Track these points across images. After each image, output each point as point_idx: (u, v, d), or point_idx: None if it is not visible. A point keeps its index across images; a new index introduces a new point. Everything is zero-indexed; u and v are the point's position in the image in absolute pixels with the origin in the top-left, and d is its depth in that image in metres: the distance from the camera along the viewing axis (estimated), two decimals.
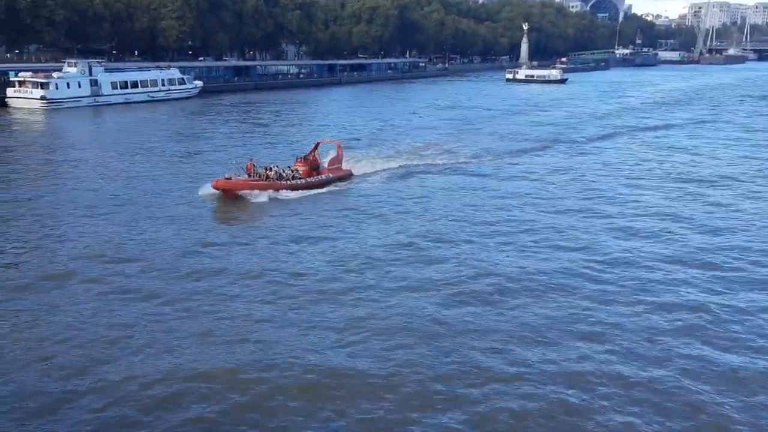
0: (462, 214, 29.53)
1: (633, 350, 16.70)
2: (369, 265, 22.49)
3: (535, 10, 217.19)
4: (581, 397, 14.57)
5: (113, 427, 13.41)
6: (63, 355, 16.00)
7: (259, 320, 18.10)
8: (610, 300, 19.91)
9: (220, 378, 15.00)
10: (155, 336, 17.05)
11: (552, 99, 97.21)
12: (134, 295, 19.66)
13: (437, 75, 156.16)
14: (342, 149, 38.18)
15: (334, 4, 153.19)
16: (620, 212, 30.43)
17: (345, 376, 15.19)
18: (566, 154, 47.16)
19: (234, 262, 22.70)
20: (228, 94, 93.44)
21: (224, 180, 31.34)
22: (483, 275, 21.71)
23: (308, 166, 35.11)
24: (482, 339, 17.20)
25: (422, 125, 62.48)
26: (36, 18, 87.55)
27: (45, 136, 55.95)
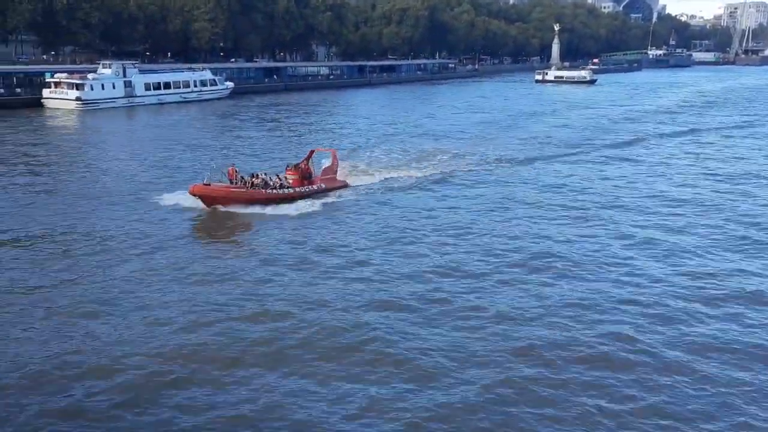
0: (483, 239, 26.07)
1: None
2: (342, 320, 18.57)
3: (567, 11, 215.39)
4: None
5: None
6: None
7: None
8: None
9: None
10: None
11: (581, 100, 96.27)
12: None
13: (467, 76, 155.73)
14: (337, 158, 35.60)
15: (364, 5, 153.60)
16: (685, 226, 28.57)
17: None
18: (593, 162, 44.76)
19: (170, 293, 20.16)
20: (258, 95, 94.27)
21: (202, 186, 29.30)
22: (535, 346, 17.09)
23: (299, 174, 33.05)
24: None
25: (443, 127, 61.75)
26: (72, 20, 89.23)
27: (79, 136, 57.00)
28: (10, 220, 27.55)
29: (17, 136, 52.93)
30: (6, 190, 33.44)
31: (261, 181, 30.90)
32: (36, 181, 35.99)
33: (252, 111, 75.21)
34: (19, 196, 32.19)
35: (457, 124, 64.25)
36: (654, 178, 39.03)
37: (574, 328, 18.08)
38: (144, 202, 30.56)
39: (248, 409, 14.17)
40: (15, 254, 23.45)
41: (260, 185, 30.65)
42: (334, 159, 35.15)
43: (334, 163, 34.94)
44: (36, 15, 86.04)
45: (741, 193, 35.18)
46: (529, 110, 78.68)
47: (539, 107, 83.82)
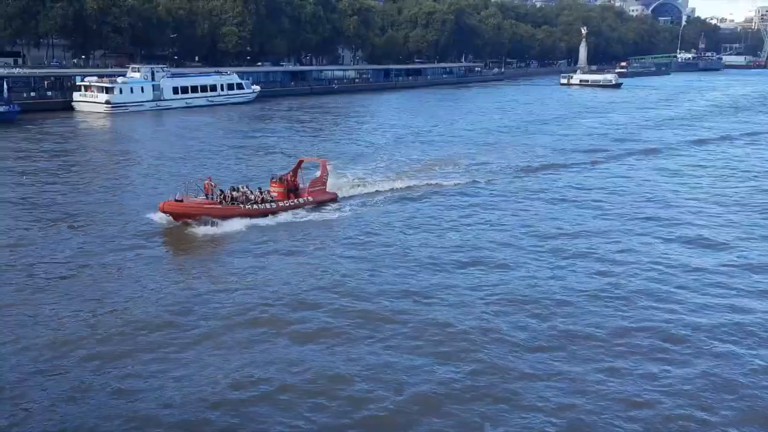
0: (487, 271, 23.66)
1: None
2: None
3: (594, 14, 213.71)
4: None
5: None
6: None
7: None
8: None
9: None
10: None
11: (606, 104, 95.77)
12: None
13: (493, 80, 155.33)
14: (327, 169, 33.54)
15: (391, 9, 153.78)
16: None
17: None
18: (608, 171, 43.19)
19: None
20: (284, 99, 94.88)
21: (174, 202, 27.45)
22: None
23: (284, 187, 31.24)
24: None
25: (460, 132, 61.61)
26: (102, 24, 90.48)
27: (107, 138, 57.97)
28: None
29: (46, 138, 53.84)
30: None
31: (241, 195, 29.28)
32: (47, 184, 36.56)
33: (277, 115, 75.74)
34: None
35: (474, 129, 64.09)
36: (688, 188, 38.38)
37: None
38: (134, 216, 29.26)
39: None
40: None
41: (240, 200, 29.03)
42: (323, 169, 33.20)
43: (323, 173, 33.01)
44: (67, 19, 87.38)
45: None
46: (550, 115, 77.91)
47: (561, 111, 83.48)
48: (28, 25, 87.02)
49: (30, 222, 28.38)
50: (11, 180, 37.10)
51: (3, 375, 15.68)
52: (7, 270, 22.49)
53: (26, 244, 25.28)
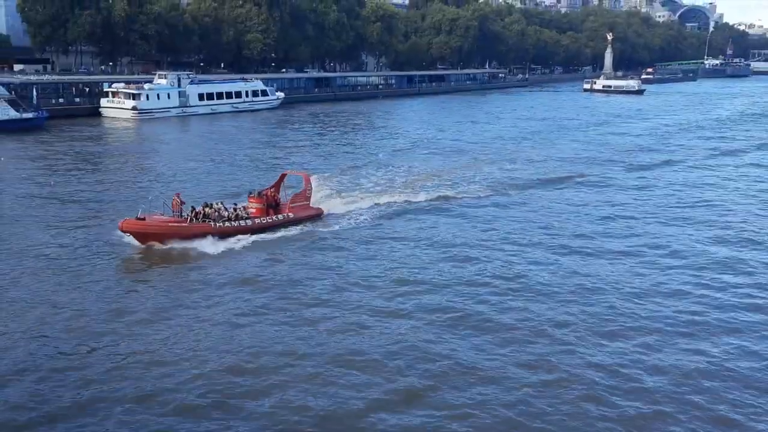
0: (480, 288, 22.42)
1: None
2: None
3: (620, 20, 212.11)
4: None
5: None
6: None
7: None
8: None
9: None
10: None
11: (628, 110, 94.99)
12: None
13: (517, 86, 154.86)
14: (310, 182, 31.67)
15: (414, 15, 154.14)
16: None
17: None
18: (624, 186, 40.29)
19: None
20: (308, 105, 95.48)
21: (134, 221, 25.42)
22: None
23: (263, 203, 29.21)
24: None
25: (474, 138, 61.29)
26: (129, 32, 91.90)
27: (134, 143, 58.74)
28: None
29: (73, 143, 54.72)
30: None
31: (213, 211, 27.16)
32: (65, 186, 37.19)
33: (299, 121, 76.13)
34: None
35: (489, 136, 63.65)
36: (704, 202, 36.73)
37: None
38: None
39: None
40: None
41: (213, 217, 26.96)
42: (306, 183, 31.18)
43: (306, 188, 30.99)
44: (95, 27, 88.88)
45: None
46: (567, 123, 76.61)
47: (583, 118, 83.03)
48: (57, 33, 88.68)
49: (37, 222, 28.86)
50: (34, 183, 37.79)
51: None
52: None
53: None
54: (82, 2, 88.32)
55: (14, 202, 33.47)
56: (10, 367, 16.56)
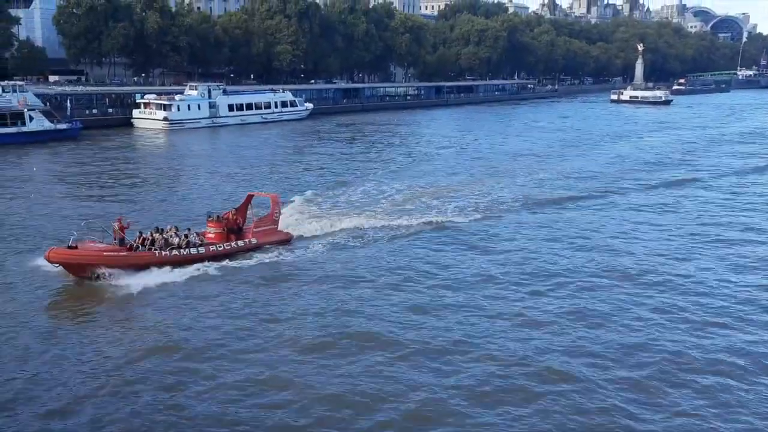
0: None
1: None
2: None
3: (652, 31, 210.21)
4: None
5: None
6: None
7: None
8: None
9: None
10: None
11: (651, 122, 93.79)
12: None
13: (546, 96, 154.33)
14: (279, 204, 29.06)
15: (443, 26, 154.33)
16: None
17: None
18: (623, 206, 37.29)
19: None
20: (337, 116, 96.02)
21: (64, 250, 22.68)
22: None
23: (223, 227, 26.79)
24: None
25: (491, 151, 60.07)
26: (162, 44, 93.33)
27: (165, 153, 59.53)
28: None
29: (104, 153, 55.65)
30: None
31: (161, 238, 24.56)
32: (92, 195, 37.75)
33: (327, 131, 76.57)
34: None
35: (507, 149, 62.41)
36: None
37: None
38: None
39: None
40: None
41: (160, 244, 24.36)
42: (273, 206, 28.55)
43: (273, 211, 28.41)
44: (129, 39, 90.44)
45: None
46: (586, 136, 74.10)
47: (603, 130, 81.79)
48: (92, 45, 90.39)
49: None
50: (68, 191, 38.43)
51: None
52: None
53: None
54: (116, 15, 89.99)
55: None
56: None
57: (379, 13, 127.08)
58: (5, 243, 27.67)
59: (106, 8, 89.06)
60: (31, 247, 26.62)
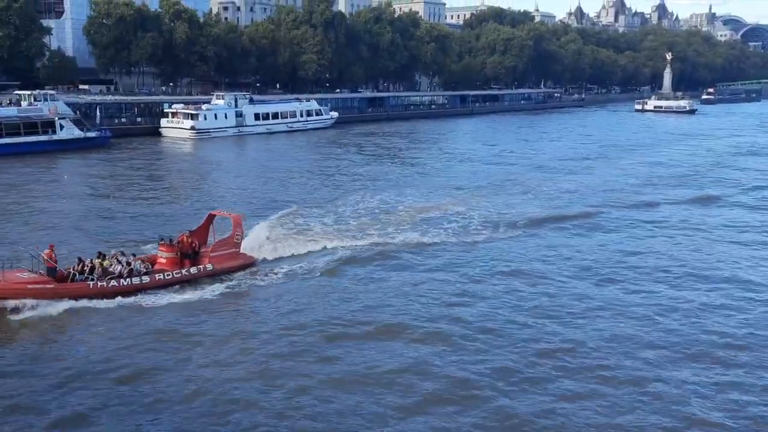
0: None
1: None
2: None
3: (680, 40, 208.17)
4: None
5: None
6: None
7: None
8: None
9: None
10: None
11: (673, 132, 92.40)
12: None
13: (572, 105, 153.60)
14: (241, 225, 26.19)
15: (468, 35, 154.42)
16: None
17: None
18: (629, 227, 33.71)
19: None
20: (361, 124, 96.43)
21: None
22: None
23: (176, 251, 24.29)
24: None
25: (502, 164, 57.85)
26: (190, 53, 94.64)
27: (190, 162, 60.26)
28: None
29: (133, 161, 56.46)
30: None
31: (99, 267, 22.13)
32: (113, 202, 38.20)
33: (351, 140, 76.82)
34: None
35: (521, 160, 60.39)
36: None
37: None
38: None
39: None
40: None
41: (98, 273, 22.02)
42: (235, 227, 25.81)
43: (234, 233, 25.62)
44: (157, 49, 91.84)
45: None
46: (602, 149, 70.91)
47: (623, 140, 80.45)
48: (121, 54, 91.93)
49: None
50: (94, 198, 39.08)
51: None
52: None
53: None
54: (146, 25, 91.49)
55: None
56: None
57: (405, 23, 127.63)
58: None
59: (136, 18, 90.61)
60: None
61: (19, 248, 24.35)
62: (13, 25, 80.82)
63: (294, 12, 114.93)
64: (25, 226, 32.00)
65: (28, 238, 27.97)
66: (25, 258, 22.59)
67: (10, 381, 16.46)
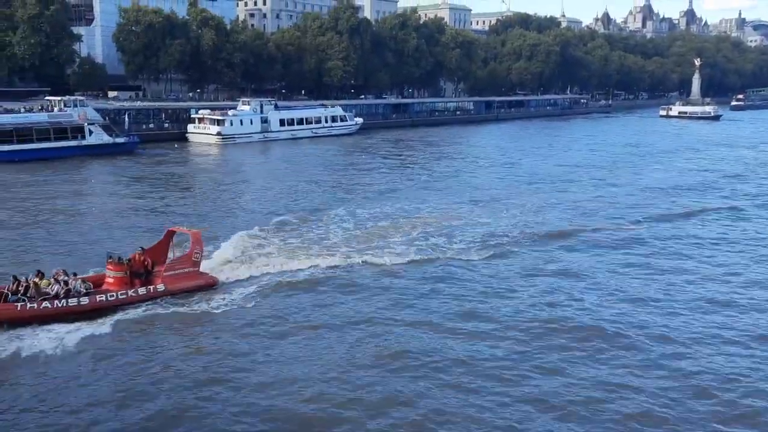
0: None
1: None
2: None
3: (709, 45, 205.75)
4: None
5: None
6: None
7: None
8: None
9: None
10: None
11: (694, 140, 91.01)
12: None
13: (599, 111, 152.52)
14: (201, 242, 24.16)
15: (494, 41, 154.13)
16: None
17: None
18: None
19: None
20: (386, 131, 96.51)
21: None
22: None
23: (125, 270, 22.26)
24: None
25: (525, 170, 56.89)
26: (217, 60, 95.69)
27: (216, 167, 60.90)
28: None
29: (160, 167, 57.21)
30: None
31: (33, 287, 20.17)
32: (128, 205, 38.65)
33: (374, 146, 76.98)
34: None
35: (531, 168, 58.86)
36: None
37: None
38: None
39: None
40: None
41: (32, 293, 20.03)
42: (194, 244, 23.85)
43: (192, 250, 23.73)
44: (185, 56, 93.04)
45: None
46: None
47: (642, 148, 78.99)
48: (150, 61, 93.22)
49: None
50: (121, 202, 39.66)
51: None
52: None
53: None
54: (174, 32, 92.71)
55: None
56: None
57: (430, 29, 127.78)
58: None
59: (164, 26, 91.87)
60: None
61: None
62: (45, 33, 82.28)
63: (320, 19, 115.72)
64: (48, 233, 32.57)
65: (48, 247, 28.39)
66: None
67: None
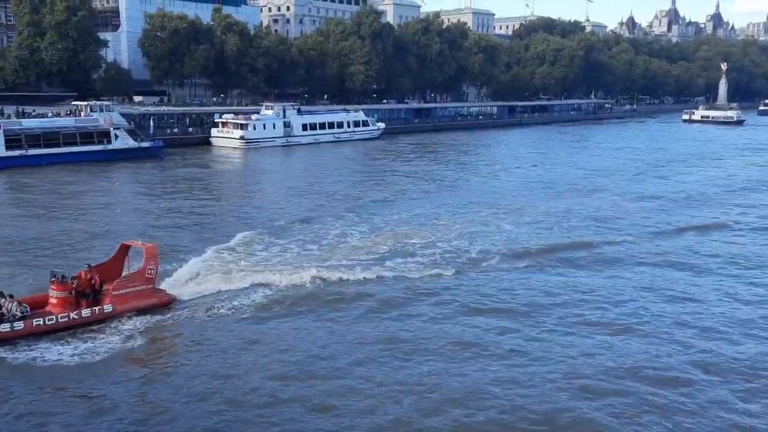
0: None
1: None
2: None
3: (736, 50, 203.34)
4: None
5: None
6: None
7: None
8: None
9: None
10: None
11: (715, 145, 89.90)
12: None
13: (623, 116, 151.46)
14: (156, 257, 22.23)
15: (517, 46, 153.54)
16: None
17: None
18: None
19: None
20: (408, 135, 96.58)
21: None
22: None
23: (71, 290, 20.46)
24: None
25: (513, 179, 55.20)
26: (240, 65, 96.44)
27: (239, 171, 61.39)
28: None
29: (183, 170, 57.76)
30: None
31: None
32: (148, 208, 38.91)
33: (396, 151, 76.87)
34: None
35: (539, 176, 57.21)
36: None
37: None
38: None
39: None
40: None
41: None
42: (147, 260, 22.00)
43: (146, 266, 21.91)
44: (209, 61, 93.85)
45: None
46: (628, 165, 65.76)
47: (659, 153, 77.66)
48: (174, 66, 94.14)
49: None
50: (143, 205, 40.10)
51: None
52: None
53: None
54: (198, 38, 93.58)
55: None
56: None
57: (453, 33, 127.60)
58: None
59: (189, 31, 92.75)
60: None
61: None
62: (72, 38, 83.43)
63: (342, 24, 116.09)
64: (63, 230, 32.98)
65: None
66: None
67: None
